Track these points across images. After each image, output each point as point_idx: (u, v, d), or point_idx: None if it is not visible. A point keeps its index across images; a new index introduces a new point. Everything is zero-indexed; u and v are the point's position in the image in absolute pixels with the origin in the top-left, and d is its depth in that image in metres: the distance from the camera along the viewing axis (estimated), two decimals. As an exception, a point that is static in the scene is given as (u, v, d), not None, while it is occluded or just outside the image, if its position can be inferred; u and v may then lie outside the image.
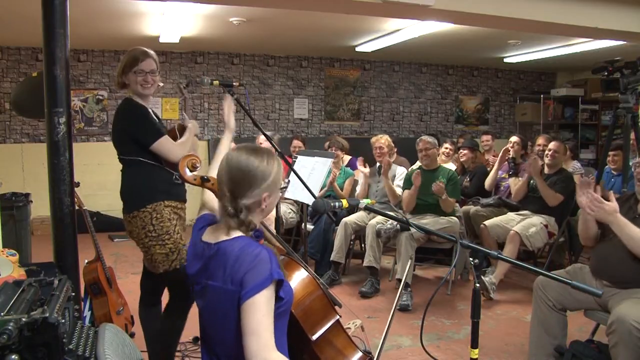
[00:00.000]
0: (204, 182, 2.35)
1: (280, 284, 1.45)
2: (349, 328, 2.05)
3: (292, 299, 1.56)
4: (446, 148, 5.52)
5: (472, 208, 4.82)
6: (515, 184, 4.58)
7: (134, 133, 2.40)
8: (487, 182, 4.95)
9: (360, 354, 1.80)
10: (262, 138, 5.11)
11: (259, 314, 1.38)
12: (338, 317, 1.79)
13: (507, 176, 4.83)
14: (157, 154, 2.41)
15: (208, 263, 1.54)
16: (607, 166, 4.59)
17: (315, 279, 1.80)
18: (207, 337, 1.59)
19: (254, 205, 1.54)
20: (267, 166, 1.55)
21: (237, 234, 1.54)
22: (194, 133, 2.62)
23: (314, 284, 1.79)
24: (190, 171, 2.31)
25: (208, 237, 1.59)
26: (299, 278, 1.79)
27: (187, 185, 2.54)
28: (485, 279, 4.00)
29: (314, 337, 1.72)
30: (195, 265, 1.58)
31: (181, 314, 2.51)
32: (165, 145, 2.41)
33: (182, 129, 2.60)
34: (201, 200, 1.95)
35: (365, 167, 4.68)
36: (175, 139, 2.51)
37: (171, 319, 2.51)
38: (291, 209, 4.92)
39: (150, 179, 2.45)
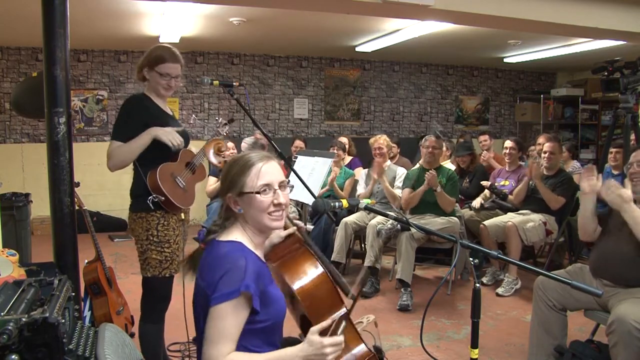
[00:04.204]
0: None
1: (249, 297, 1.42)
2: (361, 322, 2.05)
3: (278, 317, 1.56)
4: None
5: (466, 212, 4.81)
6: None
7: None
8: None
9: (365, 348, 1.80)
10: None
11: (222, 323, 1.39)
12: (345, 310, 1.80)
13: (505, 183, 4.82)
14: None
15: (202, 261, 1.55)
16: (607, 166, 4.59)
17: (326, 272, 1.80)
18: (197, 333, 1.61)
19: (229, 210, 1.57)
20: (230, 165, 1.57)
21: (234, 236, 1.55)
22: (148, 137, 2.34)
23: (325, 276, 1.79)
24: (216, 154, 2.36)
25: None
26: (309, 269, 1.80)
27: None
28: (506, 280, 4.20)
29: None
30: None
31: (159, 319, 2.49)
32: (109, 148, 2.34)
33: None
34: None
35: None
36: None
37: (150, 324, 2.48)
38: (295, 209, 4.92)
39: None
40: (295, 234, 1.89)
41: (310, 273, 1.78)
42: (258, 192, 1.52)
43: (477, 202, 4.79)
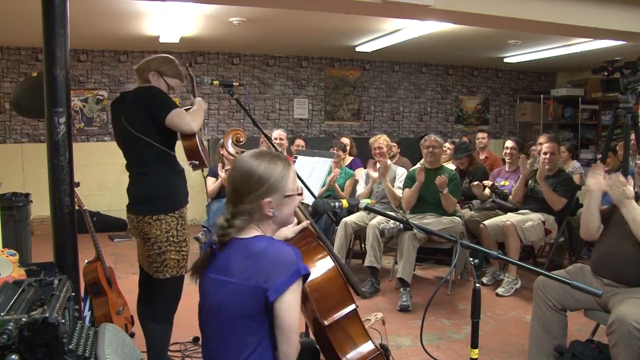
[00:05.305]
0: None
1: (307, 278, 1.47)
2: (369, 320, 2.05)
3: None
4: (445, 147, 5.51)
5: (466, 212, 4.82)
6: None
7: (151, 109, 2.32)
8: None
9: (372, 345, 1.80)
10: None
11: (294, 308, 1.42)
12: (355, 306, 1.80)
13: (505, 184, 4.82)
14: (171, 127, 2.32)
15: (222, 258, 1.51)
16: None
17: (337, 267, 1.80)
18: (209, 335, 1.57)
19: (253, 211, 1.50)
20: (266, 170, 1.49)
21: (255, 233, 1.52)
22: (203, 108, 2.55)
23: (335, 271, 1.79)
24: (234, 144, 2.41)
25: None
26: (321, 263, 1.81)
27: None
28: (506, 280, 4.19)
29: (327, 322, 1.73)
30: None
31: (170, 319, 2.52)
32: (176, 114, 2.31)
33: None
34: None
35: (375, 171, 4.66)
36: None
37: (161, 325, 2.50)
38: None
39: (180, 181, 2.45)
40: (309, 228, 1.89)
41: (321, 267, 1.79)
42: (300, 194, 1.56)
43: (477, 198, 4.82)
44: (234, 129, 2.45)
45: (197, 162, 2.46)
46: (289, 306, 1.41)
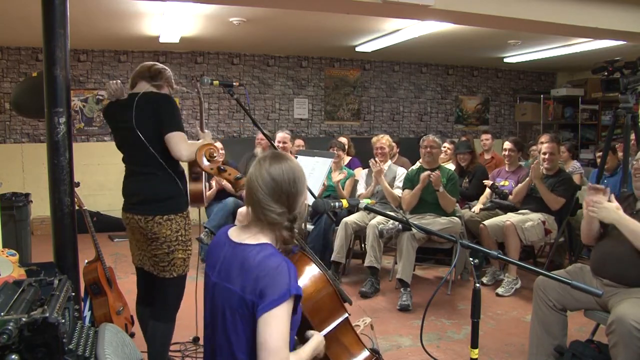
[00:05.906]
0: (220, 172, 2.40)
1: (299, 299, 1.44)
2: (358, 326, 2.05)
3: (296, 326, 1.55)
4: (445, 147, 5.51)
5: (466, 212, 4.81)
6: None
7: (160, 116, 2.35)
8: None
9: (367, 352, 1.80)
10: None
11: (277, 329, 1.37)
12: (347, 315, 1.78)
13: (505, 184, 4.82)
14: (166, 144, 2.35)
15: (226, 262, 1.52)
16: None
17: (326, 276, 1.79)
18: (211, 336, 1.57)
19: (302, 208, 1.55)
20: (300, 168, 1.55)
21: (263, 240, 1.51)
22: (208, 141, 2.59)
23: (325, 280, 1.77)
24: (208, 160, 2.37)
25: (233, 234, 1.58)
26: (309, 274, 1.78)
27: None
28: (506, 280, 4.19)
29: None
30: (213, 263, 1.58)
31: (173, 317, 2.53)
32: (176, 138, 2.33)
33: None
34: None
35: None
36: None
37: (164, 323, 2.51)
38: None
39: (184, 182, 2.52)
40: None
41: (310, 277, 1.77)
42: None
43: (477, 208, 4.80)
44: (205, 145, 2.40)
45: (198, 207, 2.66)
46: (268, 325, 1.37)
